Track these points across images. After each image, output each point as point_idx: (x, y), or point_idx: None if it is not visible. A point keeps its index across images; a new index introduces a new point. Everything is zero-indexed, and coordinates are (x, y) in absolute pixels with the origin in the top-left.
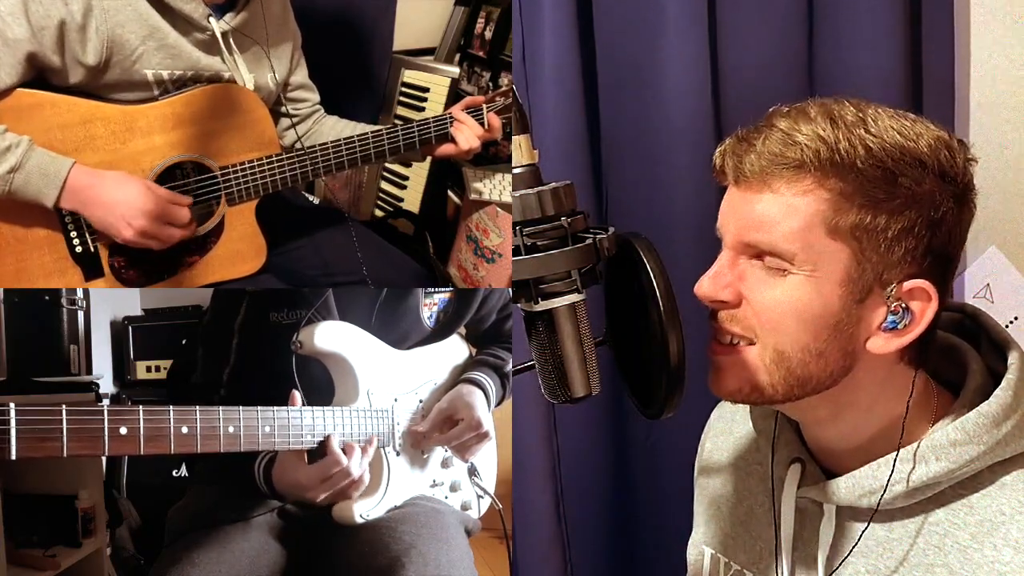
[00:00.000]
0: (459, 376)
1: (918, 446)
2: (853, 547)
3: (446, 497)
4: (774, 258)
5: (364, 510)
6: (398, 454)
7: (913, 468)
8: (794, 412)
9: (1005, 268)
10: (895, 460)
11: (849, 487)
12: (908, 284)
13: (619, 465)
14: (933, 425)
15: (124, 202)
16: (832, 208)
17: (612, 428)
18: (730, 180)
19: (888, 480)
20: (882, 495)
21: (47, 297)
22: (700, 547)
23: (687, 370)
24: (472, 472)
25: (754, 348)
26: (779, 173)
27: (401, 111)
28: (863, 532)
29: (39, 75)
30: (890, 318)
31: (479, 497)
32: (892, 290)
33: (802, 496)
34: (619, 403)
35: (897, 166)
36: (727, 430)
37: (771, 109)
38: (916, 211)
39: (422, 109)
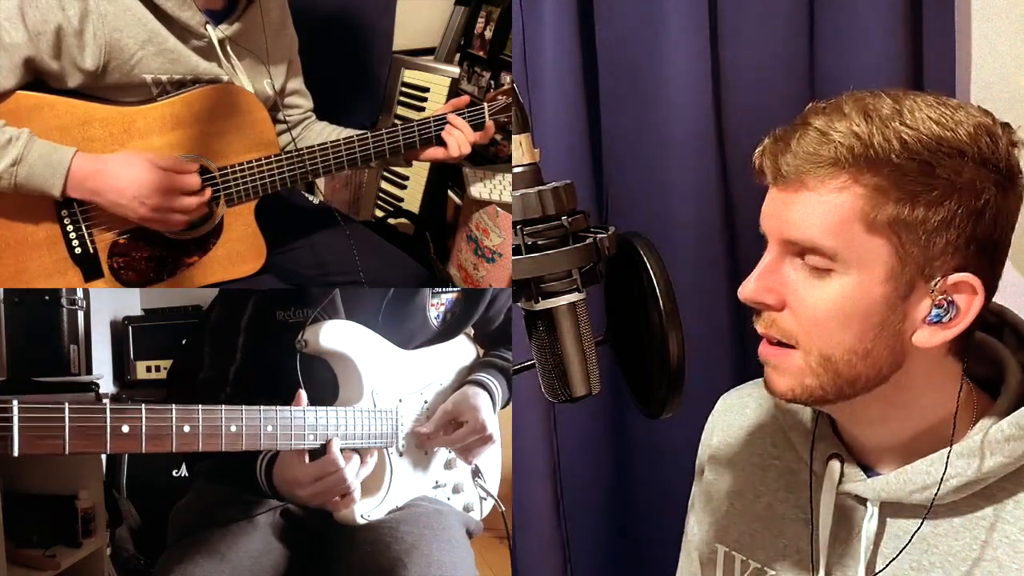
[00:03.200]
0: (465, 377)
1: (972, 441)
2: (905, 544)
3: (448, 499)
4: (817, 256)
5: (365, 510)
6: (401, 455)
7: (967, 464)
8: (843, 411)
9: (1005, 268)
10: (948, 456)
11: (900, 484)
12: (953, 278)
13: (619, 465)
14: (977, 422)
15: (133, 183)
16: (869, 203)
17: (612, 428)
18: (769, 180)
19: (942, 476)
20: (936, 491)
21: (47, 297)
22: (712, 544)
23: (687, 370)
24: (476, 474)
25: (797, 352)
26: (814, 171)
27: (401, 111)
28: (911, 529)
29: (38, 79)
30: (935, 311)
31: (482, 499)
32: (936, 284)
33: (844, 492)
34: (619, 403)
35: (934, 157)
36: (737, 424)
37: (808, 106)
38: (956, 201)
39: (422, 109)
